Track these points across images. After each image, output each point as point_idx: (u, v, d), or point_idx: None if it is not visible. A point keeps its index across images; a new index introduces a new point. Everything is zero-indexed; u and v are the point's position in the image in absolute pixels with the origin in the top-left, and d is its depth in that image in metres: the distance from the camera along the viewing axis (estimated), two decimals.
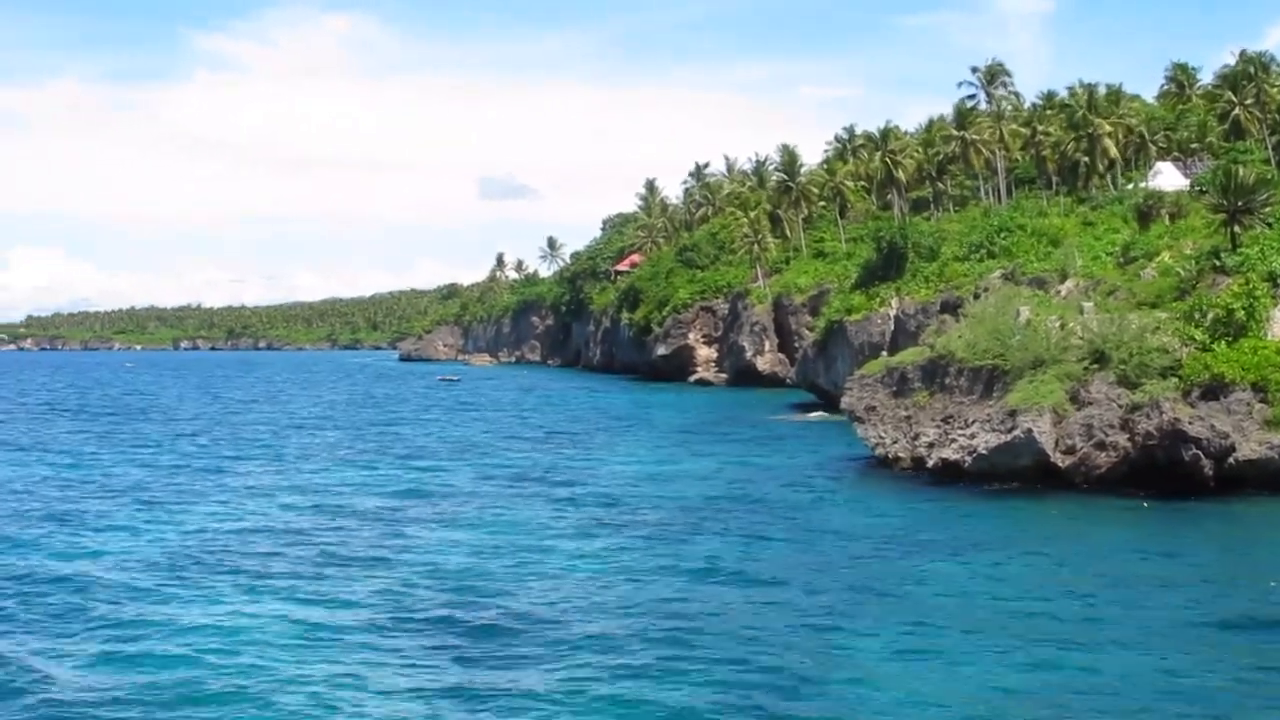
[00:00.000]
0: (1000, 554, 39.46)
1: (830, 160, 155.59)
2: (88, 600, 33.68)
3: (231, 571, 37.43)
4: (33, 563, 39.02)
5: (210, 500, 53.37)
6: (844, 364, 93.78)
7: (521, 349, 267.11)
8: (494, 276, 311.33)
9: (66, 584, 35.77)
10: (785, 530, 44.42)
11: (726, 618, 31.26)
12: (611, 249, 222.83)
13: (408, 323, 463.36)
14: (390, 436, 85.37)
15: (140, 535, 43.90)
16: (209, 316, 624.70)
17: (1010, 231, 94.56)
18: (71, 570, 37.47)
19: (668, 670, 26.67)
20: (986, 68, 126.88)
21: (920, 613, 31.35)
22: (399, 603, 33.25)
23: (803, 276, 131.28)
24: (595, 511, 49.37)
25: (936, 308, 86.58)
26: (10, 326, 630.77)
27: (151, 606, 32.86)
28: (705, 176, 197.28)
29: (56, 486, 57.49)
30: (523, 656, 27.83)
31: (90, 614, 32.10)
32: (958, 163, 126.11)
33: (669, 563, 38.75)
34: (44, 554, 40.71)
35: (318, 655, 28.12)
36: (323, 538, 43.16)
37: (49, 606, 33.12)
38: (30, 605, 33.26)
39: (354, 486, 57.76)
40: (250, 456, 71.16)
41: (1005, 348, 55.31)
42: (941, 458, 54.72)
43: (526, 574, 36.96)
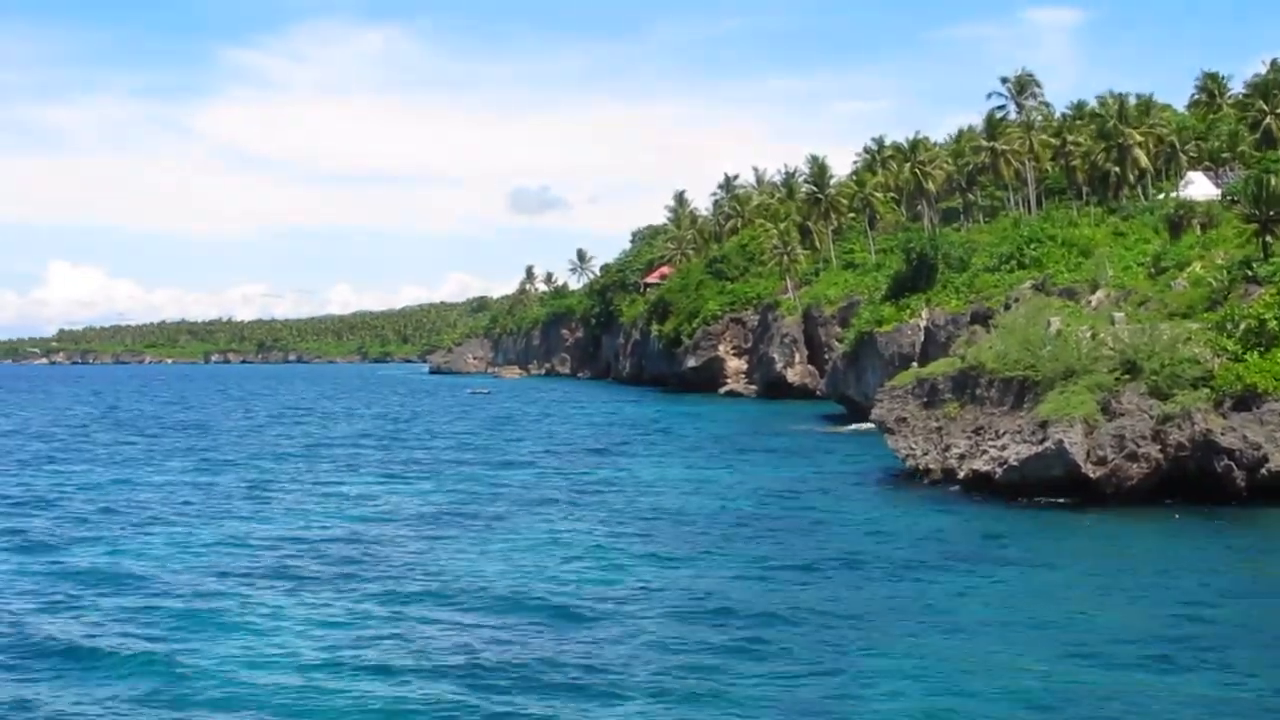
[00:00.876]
0: (1030, 566, 39.38)
1: (859, 171, 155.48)
2: (145, 601, 34.28)
3: (292, 581, 37.77)
4: (97, 565, 39.86)
5: (292, 512, 54.00)
6: (874, 375, 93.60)
7: (551, 361, 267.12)
8: (524, 289, 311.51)
9: (136, 584, 36.65)
10: (815, 541, 44.37)
11: (752, 627, 31.25)
12: (641, 261, 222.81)
13: (438, 335, 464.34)
14: (429, 448, 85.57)
15: (185, 542, 44.15)
16: (240, 330, 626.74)
17: (1041, 242, 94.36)
18: (131, 571, 37.99)
19: (694, 678, 26.73)
20: (1016, 78, 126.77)
21: (949, 623, 31.33)
22: (437, 611, 33.41)
23: (832, 288, 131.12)
24: (628, 523, 49.44)
25: (967, 319, 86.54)
26: (43, 340, 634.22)
27: (196, 613, 33.11)
28: (735, 188, 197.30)
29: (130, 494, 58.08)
30: (555, 667, 27.86)
31: (145, 617, 32.60)
32: (988, 173, 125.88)
33: (698, 572, 38.84)
34: (115, 555, 41.76)
35: (360, 664, 28.26)
36: (363, 548, 43.27)
37: (110, 610, 33.60)
38: (88, 609, 33.69)
39: (387, 497, 57.90)
40: (302, 470, 71.41)
41: (1036, 359, 55.18)
42: (972, 469, 54.59)
43: (560, 586, 37.00)
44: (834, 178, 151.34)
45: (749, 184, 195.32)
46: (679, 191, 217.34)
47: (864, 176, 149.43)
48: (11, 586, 37.26)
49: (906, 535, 45.34)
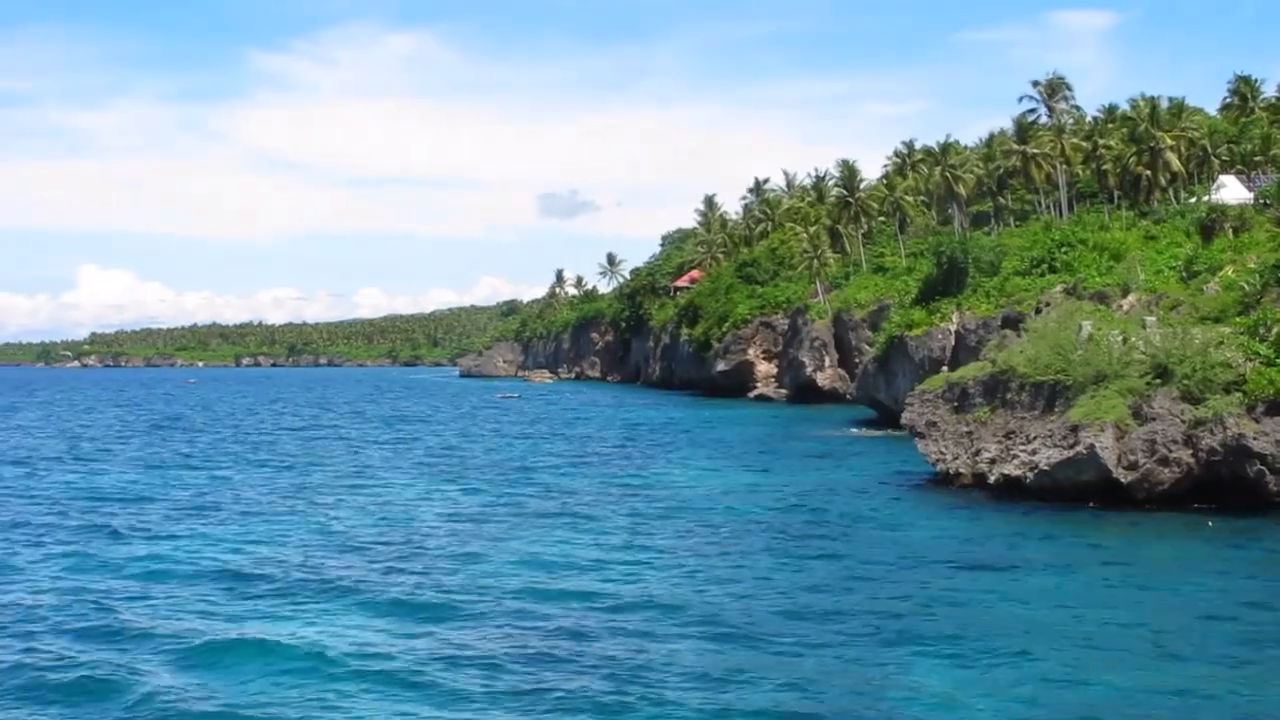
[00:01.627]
0: (1061, 570, 39.30)
1: (890, 175, 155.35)
2: (190, 601, 34.51)
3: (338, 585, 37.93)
4: (137, 568, 40.34)
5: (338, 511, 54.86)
6: (904, 379, 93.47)
7: (581, 365, 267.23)
8: (553, 293, 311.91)
9: (192, 580, 37.03)
10: (844, 545, 44.38)
11: (782, 630, 31.32)
12: (671, 265, 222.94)
13: (468, 339, 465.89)
14: (459, 452, 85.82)
15: (228, 544, 44.42)
16: (270, 333, 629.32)
17: (1072, 246, 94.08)
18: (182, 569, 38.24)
19: (722, 680, 26.82)
20: (1047, 81, 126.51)
21: (978, 629, 31.28)
22: (465, 614, 33.56)
23: (863, 292, 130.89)
24: (658, 526, 49.50)
25: (997, 323, 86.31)
26: (74, 343, 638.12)
27: (235, 614, 33.31)
28: (764, 192, 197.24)
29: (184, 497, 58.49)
30: (584, 668, 27.95)
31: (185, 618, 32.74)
32: (1018, 177, 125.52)
33: (728, 574, 38.91)
34: (158, 555, 42.34)
35: (396, 667, 28.37)
36: (386, 551, 43.42)
37: (150, 611, 33.79)
38: (126, 611, 33.87)
39: (417, 502, 58.16)
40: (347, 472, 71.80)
41: (1067, 363, 55.02)
42: (1003, 474, 54.47)
43: (589, 589, 37.05)
44: (864, 181, 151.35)
45: (779, 187, 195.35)
46: (709, 195, 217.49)
47: (894, 180, 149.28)
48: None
49: (936, 539, 45.30)
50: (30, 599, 35.94)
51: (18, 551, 43.94)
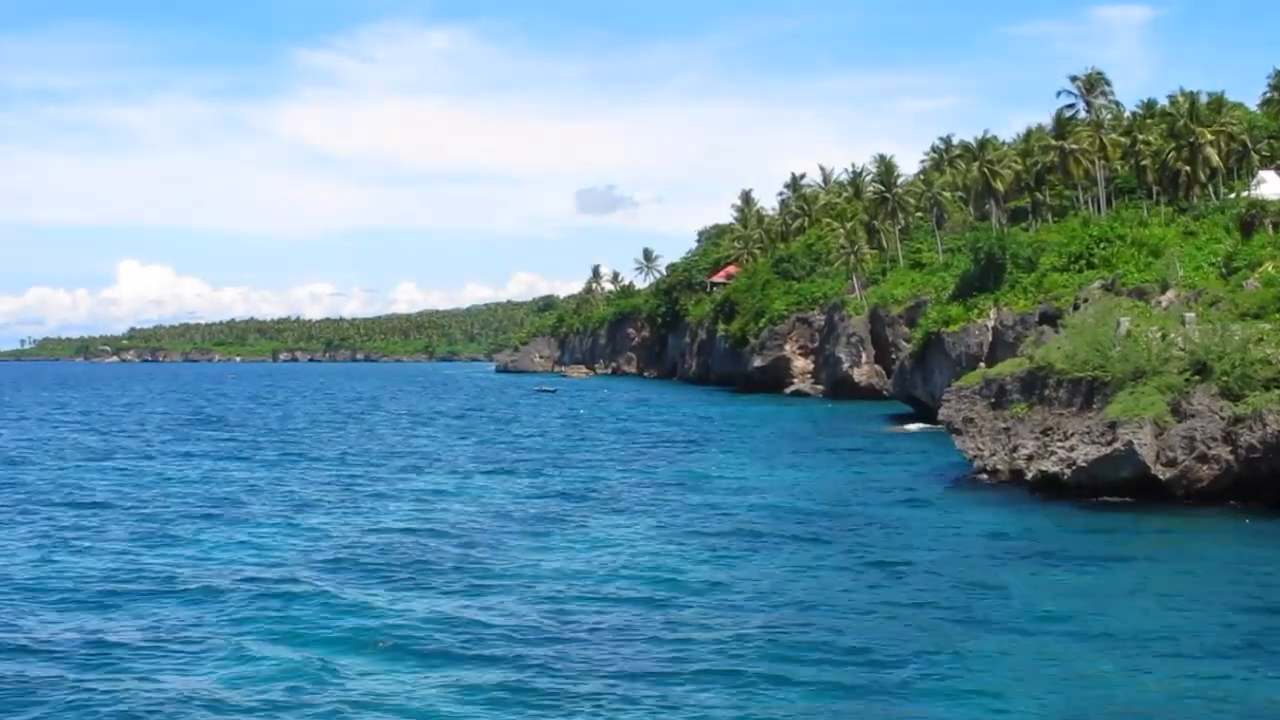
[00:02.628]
0: (1098, 567, 39.30)
1: (927, 170, 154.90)
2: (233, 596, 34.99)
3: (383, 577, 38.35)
4: (195, 561, 40.81)
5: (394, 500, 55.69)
6: (941, 375, 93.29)
7: (618, 360, 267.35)
8: (590, 288, 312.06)
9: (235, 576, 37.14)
10: (881, 540, 44.45)
11: (819, 624, 31.50)
12: (707, 260, 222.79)
13: (504, 334, 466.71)
14: (499, 446, 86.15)
15: (276, 539, 44.84)
16: (308, 329, 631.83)
17: (1110, 242, 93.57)
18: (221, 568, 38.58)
19: (762, 674, 26.99)
20: (1086, 77, 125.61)
21: (1016, 623, 31.40)
22: (507, 605, 33.75)
23: (899, 287, 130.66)
24: (695, 521, 49.72)
25: (1035, 319, 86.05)
26: (113, 338, 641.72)
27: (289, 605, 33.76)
28: (801, 187, 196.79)
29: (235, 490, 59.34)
30: (622, 661, 28.13)
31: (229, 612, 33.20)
32: (1056, 172, 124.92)
33: (765, 570, 39.08)
34: (206, 551, 42.82)
35: (439, 661, 28.61)
36: (425, 546, 43.68)
37: (196, 605, 34.28)
38: (170, 605, 34.28)
39: (453, 496, 58.51)
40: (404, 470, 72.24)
41: (1105, 359, 54.88)
42: (1040, 470, 54.36)
43: (628, 583, 37.34)
44: (901, 177, 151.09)
45: (815, 183, 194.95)
46: (745, 191, 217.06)
47: (931, 175, 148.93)
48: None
49: (974, 535, 45.29)
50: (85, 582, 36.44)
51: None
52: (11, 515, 51.58)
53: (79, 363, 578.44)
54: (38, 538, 45.83)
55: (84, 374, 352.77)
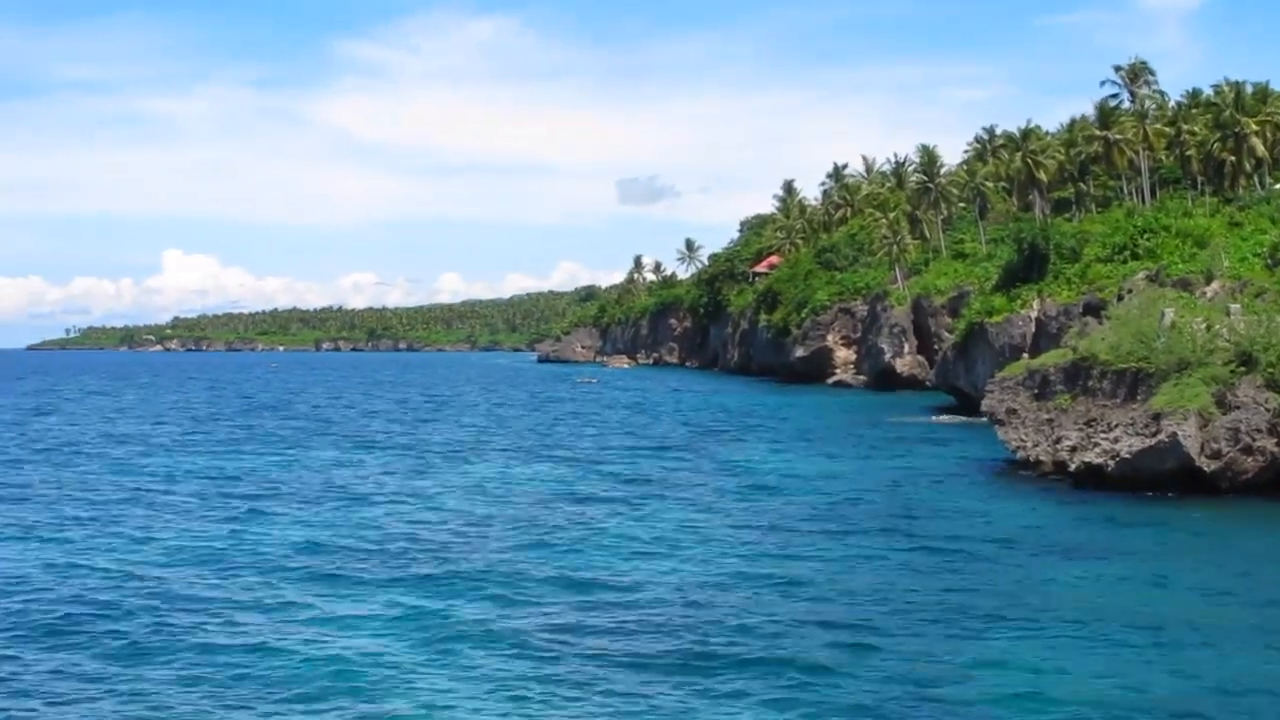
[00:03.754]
0: (1142, 559, 39.25)
1: (970, 161, 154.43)
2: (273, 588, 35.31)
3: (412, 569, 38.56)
4: (234, 547, 41.70)
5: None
6: (984, 366, 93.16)
7: (659, 351, 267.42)
8: (632, 278, 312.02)
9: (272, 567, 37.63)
10: (925, 530, 44.51)
11: (859, 615, 31.63)
12: (749, 251, 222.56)
13: (546, 324, 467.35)
14: (538, 436, 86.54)
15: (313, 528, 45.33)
16: (350, 318, 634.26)
17: (1154, 232, 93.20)
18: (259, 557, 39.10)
19: (802, 664, 27.13)
20: (1130, 66, 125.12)
21: (1060, 615, 31.41)
22: (545, 593, 34.07)
23: (942, 278, 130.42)
24: (736, 511, 49.99)
25: (1079, 310, 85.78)
26: (158, 328, 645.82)
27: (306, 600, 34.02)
28: (844, 177, 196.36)
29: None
30: (658, 656, 28.28)
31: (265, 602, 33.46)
32: (1100, 163, 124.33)
33: (806, 559, 39.22)
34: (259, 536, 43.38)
35: (469, 653, 28.90)
36: (461, 536, 44.00)
37: (233, 596, 34.57)
38: (205, 593, 34.59)
39: (517, 482, 59.23)
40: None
41: (1149, 350, 54.73)
42: (1084, 461, 54.28)
43: (665, 573, 37.52)
44: (944, 167, 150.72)
45: (858, 173, 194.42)
46: (787, 181, 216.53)
47: (974, 166, 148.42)
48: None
49: (1017, 527, 45.28)
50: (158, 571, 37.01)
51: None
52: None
53: (123, 352, 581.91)
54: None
55: (158, 363, 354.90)
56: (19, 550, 41.63)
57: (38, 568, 38.54)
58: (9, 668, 27.61)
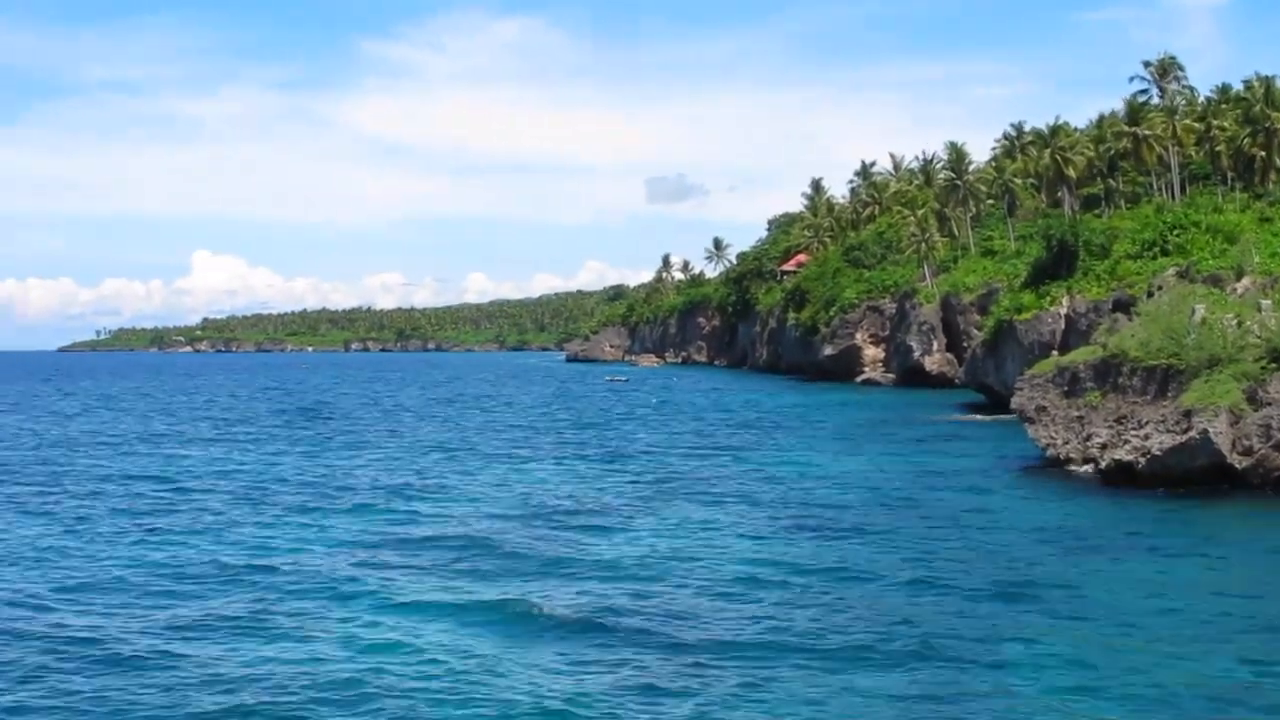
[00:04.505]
0: (1173, 557, 39.14)
1: (998, 157, 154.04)
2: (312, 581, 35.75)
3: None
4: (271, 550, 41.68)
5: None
6: (1013, 364, 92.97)
7: (688, 350, 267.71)
8: (660, 277, 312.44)
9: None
10: (955, 528, 44.52)
11: (893, 610, 31.71)
12: (777, 249, 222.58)
13: (574, 324, 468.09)
14: (566, 437, 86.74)
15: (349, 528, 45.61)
16: (379, 318, 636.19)
17: (1184, 228, 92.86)
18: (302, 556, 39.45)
19: (834, 664, 27.14)
20: (1159, 62, 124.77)
21: (1091, 613, 31.37)
22: (573, 597, 34.07)
23: (971, 275, 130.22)
24: (765, 510, 49.98)
25: (1108, 306, 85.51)
26: (187, 329, 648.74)
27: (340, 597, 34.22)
28: (871, 175, 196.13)
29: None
30: (671, 660, 28.20)
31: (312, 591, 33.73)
32: (1129, 159, 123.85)
33: (836, 559, 39.18)
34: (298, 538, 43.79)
35: (505, 648, 28.99)
36: (493, 538, 44.14)
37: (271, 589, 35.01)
38: (242, 591, 34.94)
39: (550, 480, 59.38)
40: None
41: (1180, 347, 54.52)
42: (1114, 459, 54.13)
43: (694, 572, 37.53)
44: (972, 164, 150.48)
45: (886, 171, 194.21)
46: (815, 179, 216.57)
47: (1003, 162, 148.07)
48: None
49: (1048, 525, 45.20)
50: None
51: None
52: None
53: (153, 353, 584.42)
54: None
55: (172, 365, 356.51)
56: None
57: (160, 560, 40.15)
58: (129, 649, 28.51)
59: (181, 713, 24.71)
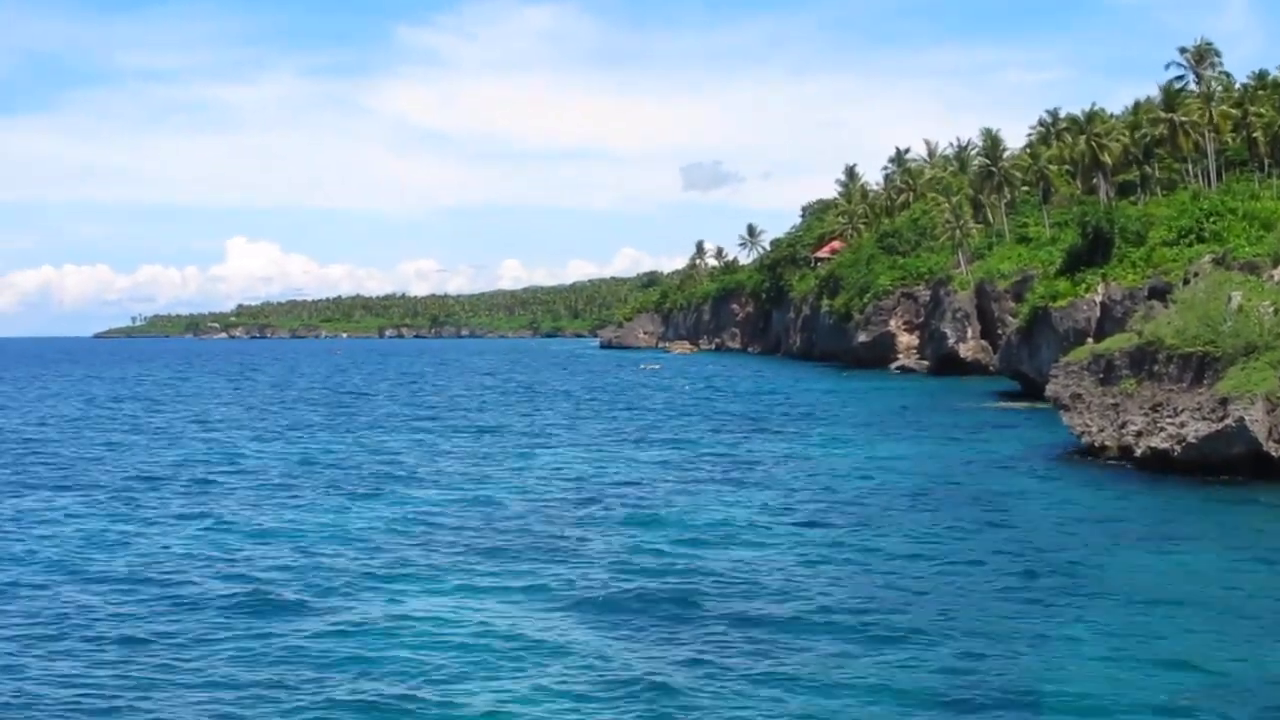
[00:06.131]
0: (1210, 545, 39.18)
1: (1033, 144, 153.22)
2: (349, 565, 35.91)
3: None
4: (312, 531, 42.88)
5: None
6: (1048, 351, 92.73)
7: (721, 336, 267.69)
8: (694, 264, 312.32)
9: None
10: (990, 516, 44.65)
11: (929, 599, 31.94)
12: (811, 236, 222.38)
13: (608, 310, 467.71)
14: (603, 419, 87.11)
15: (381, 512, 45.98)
16: (413, 305, 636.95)
17: (1221, 215, 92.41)
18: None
19: (869, 655, 27.30)
20: (1195, 48, 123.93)
21: (1127, 601, 31.50)
22: (607, 583, 34.41)
23: (1005, 262, 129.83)
24: (796, 498, 50.23)
25: (1144, 293, 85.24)
26: (222, 315, 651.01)
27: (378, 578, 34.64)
28: (906, 162, 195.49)
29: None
30: (721, 640, 28.55)
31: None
32: (1165, 145, 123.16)
33: (870, 547, 39.34)
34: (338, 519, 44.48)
35: (533, 633, 29.28)
36: (520, 522, 44.48)
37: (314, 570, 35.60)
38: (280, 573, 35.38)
39: (593, 466, 59.85)
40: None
41: (1216, 334, 54.42)
42: (1150, 446, 54.10)
43: (726, 558, 37.83)
44: (1007, 150, 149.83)
45: (920, 157, 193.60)
46: (849, 165, 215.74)
47: (1038, 149, 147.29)
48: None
49: (1083, 513, 45.29)
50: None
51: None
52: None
53: (188, 339, 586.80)
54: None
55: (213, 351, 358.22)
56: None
57: (220, 541, 41.18)
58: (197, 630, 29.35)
59: (234, 686, 25.31)
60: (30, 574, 36.08)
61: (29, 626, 29.96)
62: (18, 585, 34.54)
